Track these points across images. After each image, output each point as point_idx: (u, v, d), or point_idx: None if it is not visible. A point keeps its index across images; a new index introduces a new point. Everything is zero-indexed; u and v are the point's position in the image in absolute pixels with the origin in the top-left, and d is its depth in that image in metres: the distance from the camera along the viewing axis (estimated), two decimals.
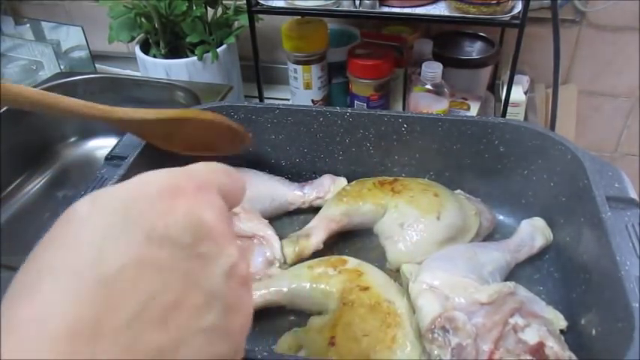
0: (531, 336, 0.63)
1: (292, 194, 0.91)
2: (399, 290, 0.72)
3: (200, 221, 0.33)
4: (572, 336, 0.68)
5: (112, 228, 0.30)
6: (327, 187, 0.91)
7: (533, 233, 0.82)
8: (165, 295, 0.30)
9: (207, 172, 0.38)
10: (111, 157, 0.83)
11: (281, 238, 0.82)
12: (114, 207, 0.32)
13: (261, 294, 0.75)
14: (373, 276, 0.74)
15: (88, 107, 0.75)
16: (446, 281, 0.69)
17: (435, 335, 0.63)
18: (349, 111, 0.89)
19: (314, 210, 0.90)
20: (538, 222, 0.84)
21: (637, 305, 0.55)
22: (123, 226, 0.30)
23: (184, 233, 0.32)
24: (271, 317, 0.76)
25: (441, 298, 0.67)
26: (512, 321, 0.64)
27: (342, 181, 0.92)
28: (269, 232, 0.82)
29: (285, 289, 0.75)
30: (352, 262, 0.77)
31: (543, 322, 0.65)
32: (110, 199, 0.32)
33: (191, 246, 0.32)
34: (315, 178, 0.94)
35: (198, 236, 0.33)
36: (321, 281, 0.74)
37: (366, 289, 0.71)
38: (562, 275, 0.77)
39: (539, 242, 0.81)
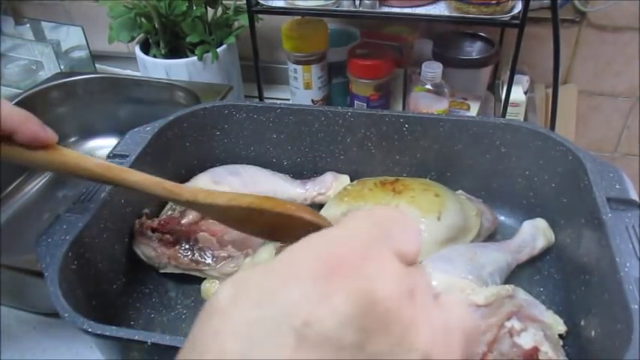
0: (527, 340, 0.63)
1: (294, 191, 0.92)
2: None
3: (370, 304, 0.26)
4: (571, 337, 0.68)
5: (256, 328, 0.25)
6: (329, 183, 0.91)
7: (535, 234, 0.82)
8: None
9: (370, 226, 0.30)
10: (113, 156, 0.83)
11: None
12: (258, 298, 0.26)
13: None
14: None
15: (155, 184, 0.68)
16: (443, 282, 0.69)
17: None
18: (350, 111, 0.89)
19: (316, 208, 0.90)
20: (540, 223, 0.84)
21: (636, 307, 0.55)
22: (269, 325, 0.25)
23: (347, 328, 0.25)
24: None
25: None
26: (508, 324, 0.64)
27: (345, 179, 0.92)
28: None
29: None
30: None
31: (541, 327, 0.65)
32: (254, 287, 0.27)
33: (358, 345, 0.25)
34: (317, 177, 0.94)
35: (367, 329, 0.25)
36: None
37: None
38: (562, 276, 0.78)
39: (540, 243, 0.81)
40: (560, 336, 0.67)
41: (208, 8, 1.23)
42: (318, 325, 0.25)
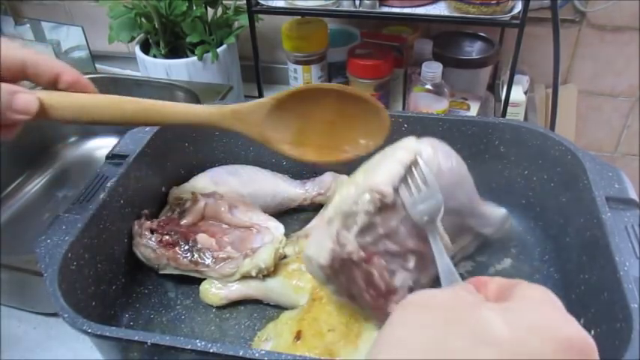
0: (397, 279, 0.65)
1: (294, 191, 0.92)
2: None
3: None
4: None
5: None
6: (329, 183, 0.91)
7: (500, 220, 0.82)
8: None
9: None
10: (112, 156, 0.83)
11: None
12: None
13: (237, 288, 0.77)
14: None
15: (193, 110, 0.70)
16: None
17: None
18: None
19: (316, 208, 0.90)
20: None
21: (636, 306, 0.55)
22: None
23: None
24: (252, 311, 0.78)
25: None
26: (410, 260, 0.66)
27: (344, 179, 0.92)
28: (271, 224, 0.83)
29: (260, 284, 0.77)
30: None
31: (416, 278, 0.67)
32: None
33: None
34: (317, 177, 0.94)
35: None
36: (293, 277, 0.76)
37: None
38: (562, 276, 0.77)
39: (489, 230, 0.81)
40: None
41: (208, 8, 1.23)
42: None
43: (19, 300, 0.87)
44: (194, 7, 1.20)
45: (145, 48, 1.26)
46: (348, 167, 0.93)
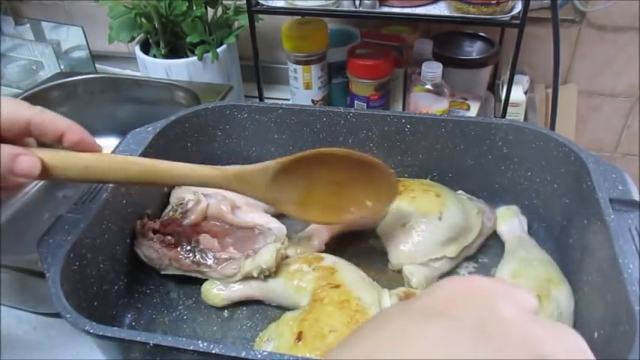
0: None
1: None
2: (373, 288, 0.73)
3: None
4: None
5: None
6: None
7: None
8: None
9: None
10: None
11: None
12: None
13: (239, 288, 0.77)
14: (347, 274, 0.74)
15: (195, 172, 0.70)
16: None
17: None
18: (352, 111, 0.89)
19: None
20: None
21: (639, 308, 0.55)
22: None
23: None
24: (253, 311, 0.78)
25: None
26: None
27: None
28: (273, 224, 0.83)
29: (261, 285, 0.77)
30: (328, 259, 0.78)
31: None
32: None
33: None
34: None
35: None
36: (294, 277, 0.75)
37: (337, 286, 0.71)
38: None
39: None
40: None
41: (208, 8, 1.23)
42: None
43: (19, 300, 0.87)
44: (194, 7, 1.20)
45: (145, 48, 1.25)
46: None
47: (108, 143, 1.20)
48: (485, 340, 0.32)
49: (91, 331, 0.58)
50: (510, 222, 0.85)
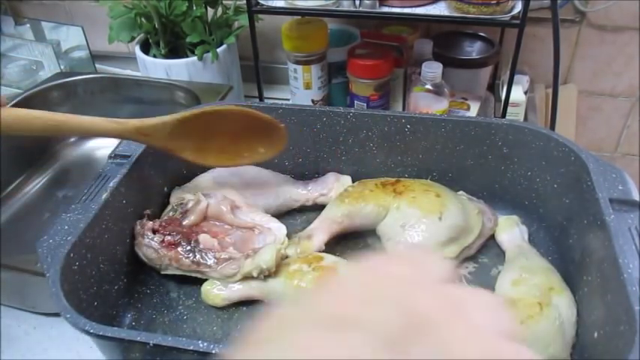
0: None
1: (296, 191, 0.92)
2: None
3: None
4: (574, 338, 0.68)
5: None
6: (331, 184, 0.91)
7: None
8: None
9: None
10: (114, 156, 0.83)
11: None
12: None
13: (239, 288, 0.77)
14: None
15: (96, 125, 0.74)
16: None
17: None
18: (352, 111, 0.89)
19: (318, 208, 0.90)
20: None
21: (639, 308, 0.55)
22: None
23: None
24: (253, 311, 0.78)
25: None
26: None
27: (347, 179, 0.92)
28: (273, 224, 0.83)
29: (261, 285, 0.77)
30: (328, 259, 0.78)
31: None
32: None
33: None
34: (319, 177, 0.94)
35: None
36: (294, 277, 0.75)
37: None
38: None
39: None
40: None
41: (208, 8, 1.23)
42: None
43: (19, 300, 0.87)
44: (194, 7, 1.20)
45: (145, 48, 1.25)
46: (350, 168, 0.94)
47: (108, 143, 1.20)
48: (403, 351, 0.29)
49: (91, 331, 0.58)
50: (511, 231, 0.85)
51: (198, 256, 0.77)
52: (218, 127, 0.80)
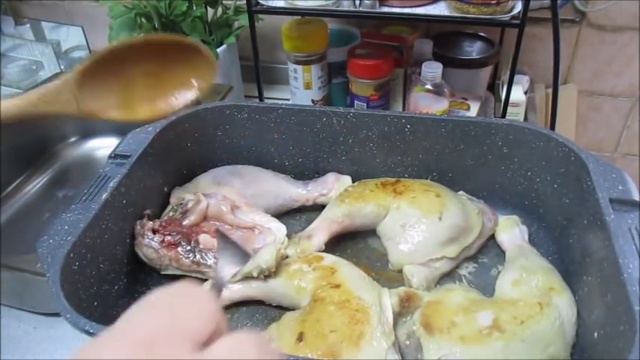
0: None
1: (296, 191, 0.92)
2: (373, 288, 0.73)
3: None
4: (574, 338, 0.68)
5: None
6: (331, 184, 0.91)
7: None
8: None
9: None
10: (114, 156, 0.83)
11: None
12: None
13: (239, 288, 0.77)
14: (347, 273, 0.74)
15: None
16: None
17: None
18: (352, 111, 0.89)
19: (318, 208, 0.90)
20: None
21: (639, 308, 0.55)
22: None
23: None
24: (254, 311, 0.78)
25: None
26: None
27: (347, 179, 0.92)
28: (273, 224, 0.83)
29: (261, 285, 0.76)
30: (329, 259, 0.77)
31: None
32: None
33: None
34: (319, 177, 0.94)
35: None
36: (295, 277, 0.75)
37: (337, 286, 0.71)
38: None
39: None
40: None
41: (208, 8, 1.23)
42: None
43: (19, 300, 0.87)
44: (194, 7, 1.20)
45: None
46: (350, 168, 0.94)
47: (108, 143, 1.21)
48: None
49: (91, 331, 0.58)
50: (511, 231, 0.85)
51: (198, 256, 0.77)
52: (137, 70, 0.72)
